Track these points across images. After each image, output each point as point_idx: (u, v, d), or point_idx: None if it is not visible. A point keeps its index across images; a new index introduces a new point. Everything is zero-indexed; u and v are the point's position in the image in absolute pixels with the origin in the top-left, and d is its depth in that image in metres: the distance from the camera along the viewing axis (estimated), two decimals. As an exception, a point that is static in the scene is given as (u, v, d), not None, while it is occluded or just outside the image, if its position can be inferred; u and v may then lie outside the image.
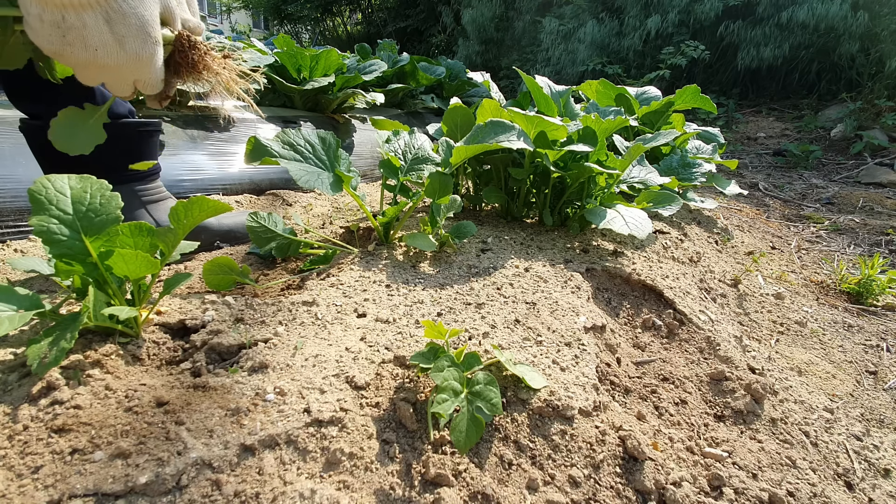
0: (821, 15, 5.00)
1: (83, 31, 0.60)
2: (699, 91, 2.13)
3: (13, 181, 1.36)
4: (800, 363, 1.31)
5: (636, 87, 2.36)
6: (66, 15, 0.59)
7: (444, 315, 0.99)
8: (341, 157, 1.14)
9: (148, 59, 0.68)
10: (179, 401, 0.68)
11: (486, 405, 0.70)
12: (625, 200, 1.47)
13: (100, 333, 0.80)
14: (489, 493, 0.65)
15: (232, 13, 18.54)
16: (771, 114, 5.64)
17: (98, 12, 0.60)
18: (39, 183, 0.68)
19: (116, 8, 0.61)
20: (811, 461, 0.89)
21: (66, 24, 0.59)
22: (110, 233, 0.72)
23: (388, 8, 11.89)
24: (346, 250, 1.25)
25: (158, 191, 1.29)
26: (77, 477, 0.55)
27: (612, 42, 6.32)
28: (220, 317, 0.89)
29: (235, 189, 1.93)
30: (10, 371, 0.70)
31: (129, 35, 0.63)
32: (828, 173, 4.01)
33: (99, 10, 0.60)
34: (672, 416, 0.92)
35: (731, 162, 2.36)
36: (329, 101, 2.59)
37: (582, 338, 0.96)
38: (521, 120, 1.30)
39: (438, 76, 3.42)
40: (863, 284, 1.82)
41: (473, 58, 8.21)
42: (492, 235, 1.42)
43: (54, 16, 0.59)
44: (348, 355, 0.82)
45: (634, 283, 1.30)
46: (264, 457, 0.62)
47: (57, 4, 0.58)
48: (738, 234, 2.20)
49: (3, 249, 1.25)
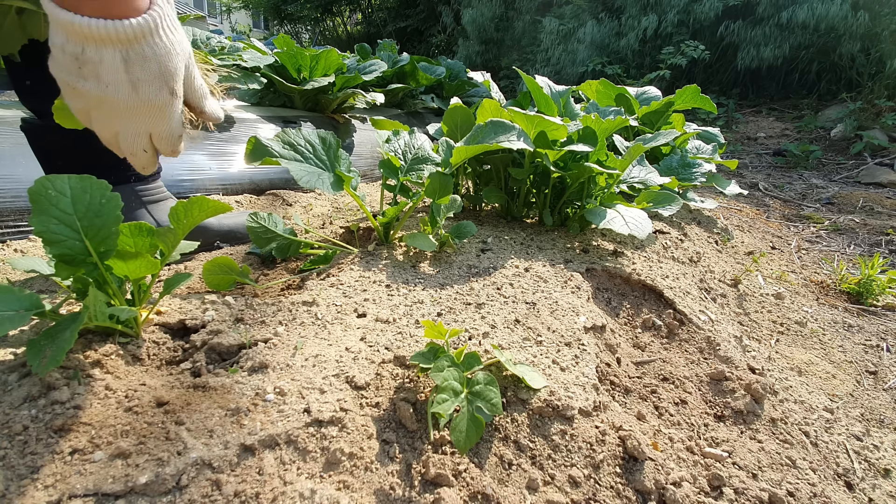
0: (821, 15, 5.00)
1: (99, 66, 0.60)
2: (699, 91, 2.13)
3: (13, 181, 1.36)
4: (800, 363, 1.31)
5: (636, 87, 2.36)
6: (86, 48, 0.59)
7: (444, 315, 0.99)
8: (341, 157, 1.14)
9: (161, 108, 0.66)
10: (179, 401, 0.68)
11: (486, 405, 0.70)
12: (625, 200, 1.47)
13: (100, 333, 0.80)
14: (489, 493, 0.65)
15: (232, 13, 18.55)
16: (771, 114, 5.64)
17: (118, 50, 0.60)
18: (39, 183, 0.68)
19: (139, 50, 0.61)
20: (811, 461, 0.89)
21: (85, 57, 0.60)
22: (110, 233, 0.72)
23: (388, 8, 11.89)
24: (346, 250, 1.25)
25: (159, 191, 1.29)
26: (77, 477, 0.55)
27: (611, 42, 6.32)
28: (220, 317, 0.89)
29: (235, 189, 1.93)
30: (10, 371, 0.70)
31: (144, 80, 0.63)
32: (828, 173, 4.01)
33: (120, 48, 0.60)
34: (672, 416, 0.92)
35: (731, 162, 2.36)
36: (329, 101, 2.59)
37: (582, 338, 0.96)
38: (522, 120, 1.30)
39: (438, 76, 3.42)
40: (863, 284, 1.82)
41: (473, 58, 8.21)
42: (492, 235, 1.42)
43: (75, 48, 0.60)
44: (348, 355, 0.82)
45: (634, 283, 1.30)
46: (264, 457, 0.62)
47: (80, 35, 0.59)
48: (738, 234, 2.20)
49: (3, 249, 1.25)
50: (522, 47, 7.80)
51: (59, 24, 0.59)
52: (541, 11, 7.60)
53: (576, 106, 1.95)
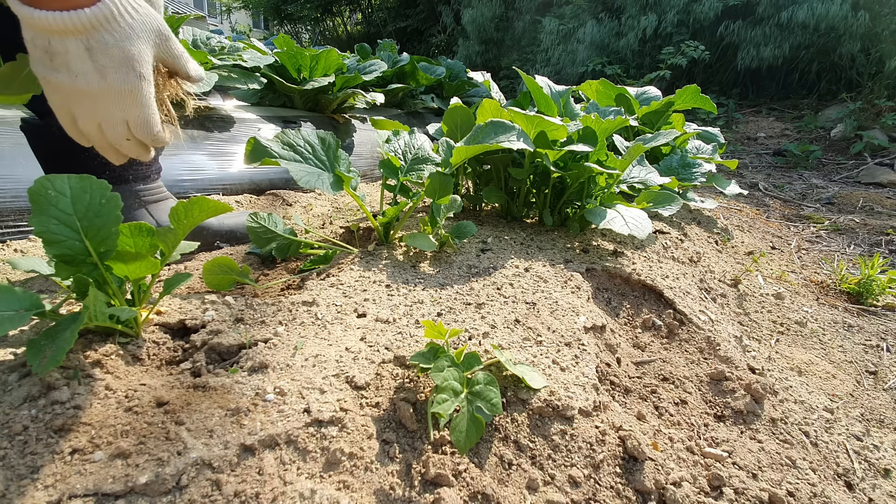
0: (821, 15, 5.00)
1: (66, 56, 0.63)
2: (699, 91, 2.13)
3: (13, 181, 1.35)
4: (800, 363, 1.31)
5: (636, 88, 2.36)
6: (51, 40, 0.62)
7: (444, 315, 0.99)
8: (341, 157, 1.14)
9: (131, 93, 0.67)
10: (179, 401, 0.68)
11: (486, 405, 0.70)
12: (625, 200, 1.47)
13: (100, 333, 0.80)
14: (489, 493, 0.65)
15: (232, 13, 18.55)
16: (771, 114, 5.64)
17: (80, 40, 0.62)
18: (39, 183, 0.68)
19: (99, 38, 0.63)
20: (811, 461, 0.89)
21: (52, 49, 0.62)
22: (110, 233, 0.72)
23: (388, 8, 11.89)
24: (346, 250, 1.25)
25: (159, 191, 1.29)
26: (77, 477, 0.55)
27: (611, 42, 6.32)
28: (220, 317, 0.89)
29: (235, 189, 1.93)
30: (10, 371, 0.70)
31: (109, 66, 0.64)
32: (828, 173, 4.01)
33: (81, 38, 0.62)
34: (672, 416, 0.92)
35: (731, 162, 2.36)
36: (329, 101, 2.59)
37: (582, 338, 0.96)
38: (522, 120, 1.30)
39: (438, 76, 3.42)
40: (863, 284, 1.82)
41: (473, 58, 8.21)
42: (492, 235, 1.42)
43: (42, 41, 0.62)
44: (348, 355, 0.82)
45: (634, 283, 1.30)
46: (264, 457, 0.62)
47: (44, 29, 0.61)
48: (738, 234, 2.20)
49: (3, 249, 1.25)
50: (522, 47, 7.80)
51: (23, 19, 0.61)
52: (541, 11, 7.59)
53: (576, 106, 1.95)
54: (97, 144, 0.72)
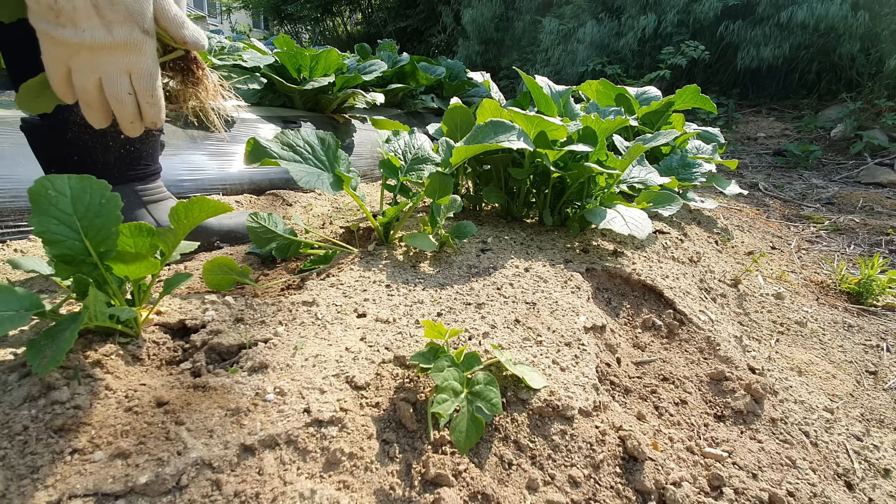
0: (821, 15, 5.00)
1: (73, 13, 0.65)
2: (699, 91, 2.13)
3: (13, 181, 1.35)
4: (800, 363, 1.31)
5: (636, 87, 2.36)
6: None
7: (444, 315, 0.99)
8: (341, 157, 1.14)
9: (136, 46, 0.70)
10: (179, 401, 0.68)
11: (486, 405, 0.70)
12: (625, 200, 1.47)
13: (100, 333, 0.80)
14: (489, 493, 0.65)
15: (232, 13, 18.54)
16: (771, 114, 5.64)
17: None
18: (39, 183, 0.68)
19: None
20: (811, 461, 0.89)
21: (58, 7, 0.64)
22: (110, 233, 0.72)
23: (388, 8, 11.89)
24: (346, 250, 1.25)
25: (159, 191, 1.29)
26: (77, 477, 0.55)
27: (611, 42, 6.32)
28: (220, 317, 0.89)
29: (235, 189, 1.93)
30: (10, 371, 0.70)
31: (116, 21, 0.67)
32: (828, 173, 4.01)
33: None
34: (672, 416, 0.92)
35: (731, 162, 2.36)
36: (329, 101, 2.59)
37: (582, 338, 0.96)
38: (521, 120, 1.30)
39: (438, 76, 3.42)
40: (863, 284, 1.82)
41: (473, 58, 8.20)
42: (492, 235, 1.42)
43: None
44: (348, 355, 0.82)
45: (634, 283, 1.30)
46: (264, 457, 0.62)
47: None
48: (738, 234, 2.20)
49: (3, 249, 1.25)
50: (522, 47, 7.80)
51: None
52: (541, 11, 7.59)
53: (576, 106, 1.95)
54: (88, 102, 0.73)
